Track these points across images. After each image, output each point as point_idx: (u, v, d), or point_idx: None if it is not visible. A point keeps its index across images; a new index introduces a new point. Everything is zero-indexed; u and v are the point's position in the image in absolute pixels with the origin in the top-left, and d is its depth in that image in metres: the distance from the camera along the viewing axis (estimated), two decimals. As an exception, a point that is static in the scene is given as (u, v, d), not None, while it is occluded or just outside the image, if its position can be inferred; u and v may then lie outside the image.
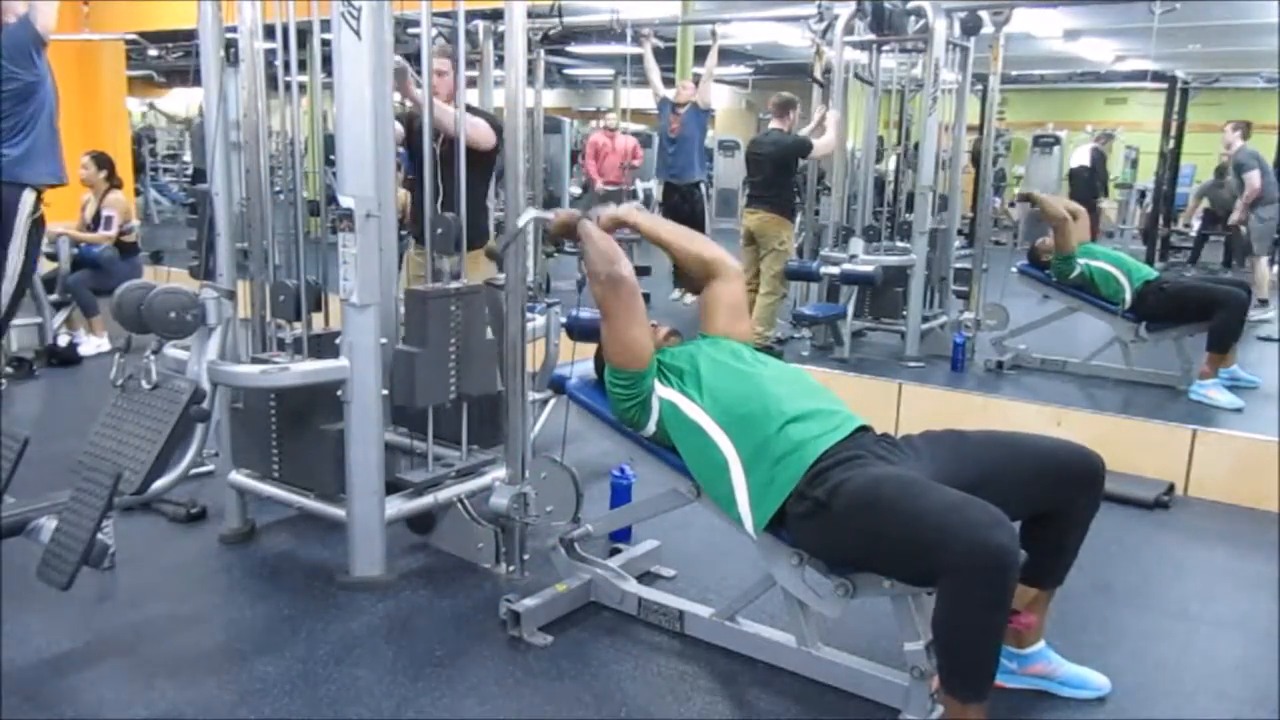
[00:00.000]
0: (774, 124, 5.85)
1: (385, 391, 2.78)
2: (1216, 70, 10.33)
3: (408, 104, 3.48)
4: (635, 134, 12.09)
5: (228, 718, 2.14)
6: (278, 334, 2.97)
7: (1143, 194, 12.08)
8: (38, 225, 3.87)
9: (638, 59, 6.60)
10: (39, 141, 3.65)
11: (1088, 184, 9.99)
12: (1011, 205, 7.62)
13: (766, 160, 5.69)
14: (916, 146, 5.72)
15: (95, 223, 5.82)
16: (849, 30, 5.48)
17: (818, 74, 5.82)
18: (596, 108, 19.38)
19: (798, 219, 6.38)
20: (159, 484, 2.57)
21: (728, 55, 11.96)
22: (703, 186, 7.15)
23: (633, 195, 10.08)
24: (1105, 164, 10.62)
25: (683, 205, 7.00)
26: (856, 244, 5.55)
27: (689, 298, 6.67)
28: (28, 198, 3.70)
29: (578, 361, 2.64)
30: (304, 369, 2.74)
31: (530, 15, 2.90)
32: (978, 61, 5.69)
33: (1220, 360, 4.80)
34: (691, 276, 2.59)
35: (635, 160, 9.07)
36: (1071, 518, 2.14)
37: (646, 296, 2.37)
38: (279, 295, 2.86)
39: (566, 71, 16.32)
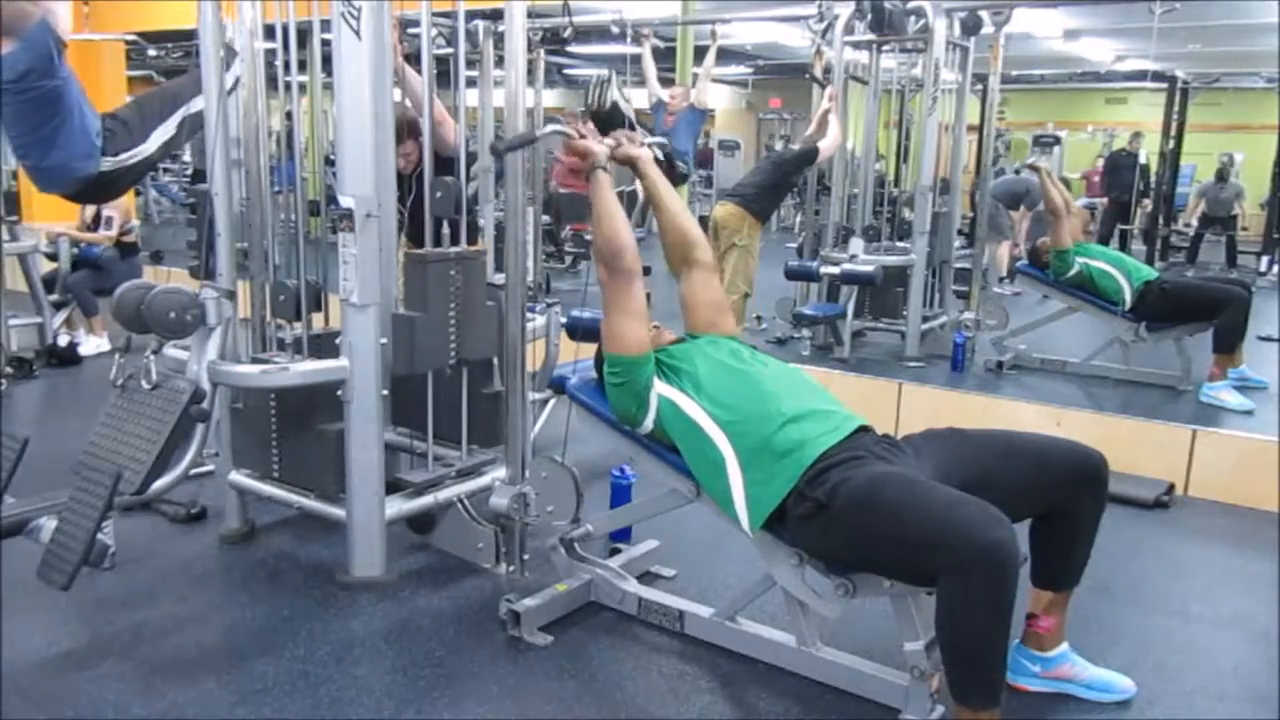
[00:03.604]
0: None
1: (385, 391, 2.78)
2: (1216, 70, 10.34)
3: (407, 103, 3.47)
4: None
5: (228, 718, 2.14)
6: (278, 334, 2.97)
7: (1148, 193, 12.08)
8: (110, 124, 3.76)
9: (638, 59, 6.60)
10: (74, 140, 3.59)
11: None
12: (1017, 172, 7.68)
13: (772, 165, 5.72)
14: (912, 201, 5.74)
15: (95, 223, 5.82)
16: (849, 30, 5.48)
17: (818, 74, 5.82)
18: (596, 108, 19.36)
19: (769, 224, 6.38)
20: (159, 484, 2.57)
21: (728, 55, 11.97)
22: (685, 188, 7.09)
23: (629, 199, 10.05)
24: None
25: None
26: (856, 244, 5.55)
27: None
28: (103, 164, 3.60)
29: (578, 361, 2.64)
30: (304, 369, 2.74)
31: (531, 15, 2.90)
32: (978, 61, 5.69)
33: (1228, 361, 4.79)
34: (669, 247, 2.58)
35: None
36: (1076, 517, 2.14)
37: (647, 296, 2.37)
38: (279, 295, 2.86)
39: (566, 71, 16.31)
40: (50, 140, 3.46)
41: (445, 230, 2.85)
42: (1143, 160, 10.25)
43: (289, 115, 3.03)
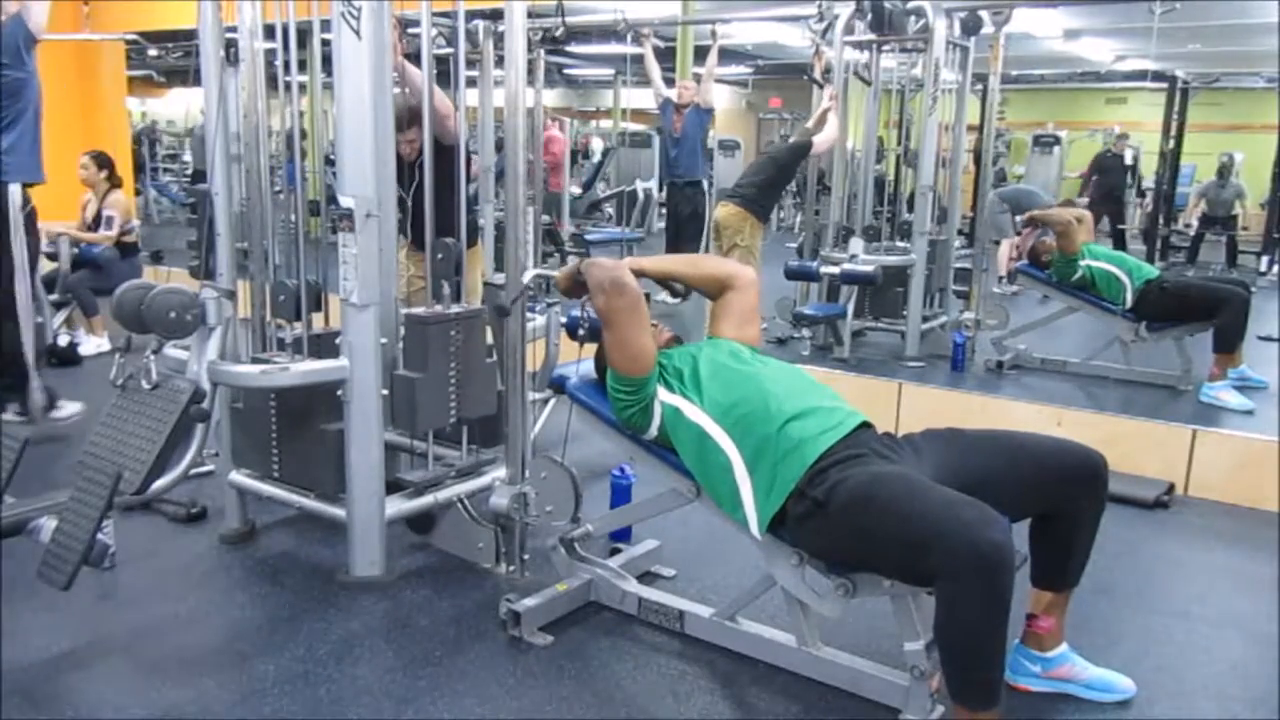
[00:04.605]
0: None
1: (385, 391, 2.78)
2: (1216, 70, 10.33)
3: (406, 91, 3.47)
4: (635, 134, 12.09)
5: (228, 718, 2.14)
6: (278, 334, 2.97)
7: (1143, 194, 12.06)
8: (31, 218, 3.86)
9: (638, 59, 6.60)
10: (23, 139, 3.65)
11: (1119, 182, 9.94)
12: (1019, 233, 7.67)
13: (770, 161, 5.73)
14: (915, 151, 5.73)
15: (96, 223, 5.82)
16: (849, 30, 5.48)
17: (818, 74, 5.82)
18: (596, 107, 19.38)
19: (770, 223, 6.38)
20: (159, 484, 2.57)
21: (728, 55, 11.95)
22: (705, 184, 7.16)
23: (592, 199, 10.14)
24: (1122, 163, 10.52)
25: (684, 205, 7.02)
26: (856, 244, 5.55)
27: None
28: (14, 193, 3.68)
29: (578, 361, 2.64)
30: (304, 369, 2.74)
31: (530, 15, 2.90)
32: (978, 61, 5.69)
33: (1228, 360, 4.79)
34: (710, 295, 2.63)
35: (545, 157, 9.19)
36: (1076, 518, 2.14)
37: (646, 296, 2.37)
38: (279, 295, 2.86)
39: (566, 71, 16.32)
40: (1, 128, 3.49)
41: (446, 290, 2.88)
42: (1129, 161, 10.17)
43: (293, 115, 3.03)
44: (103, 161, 5.88)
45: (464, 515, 2.93)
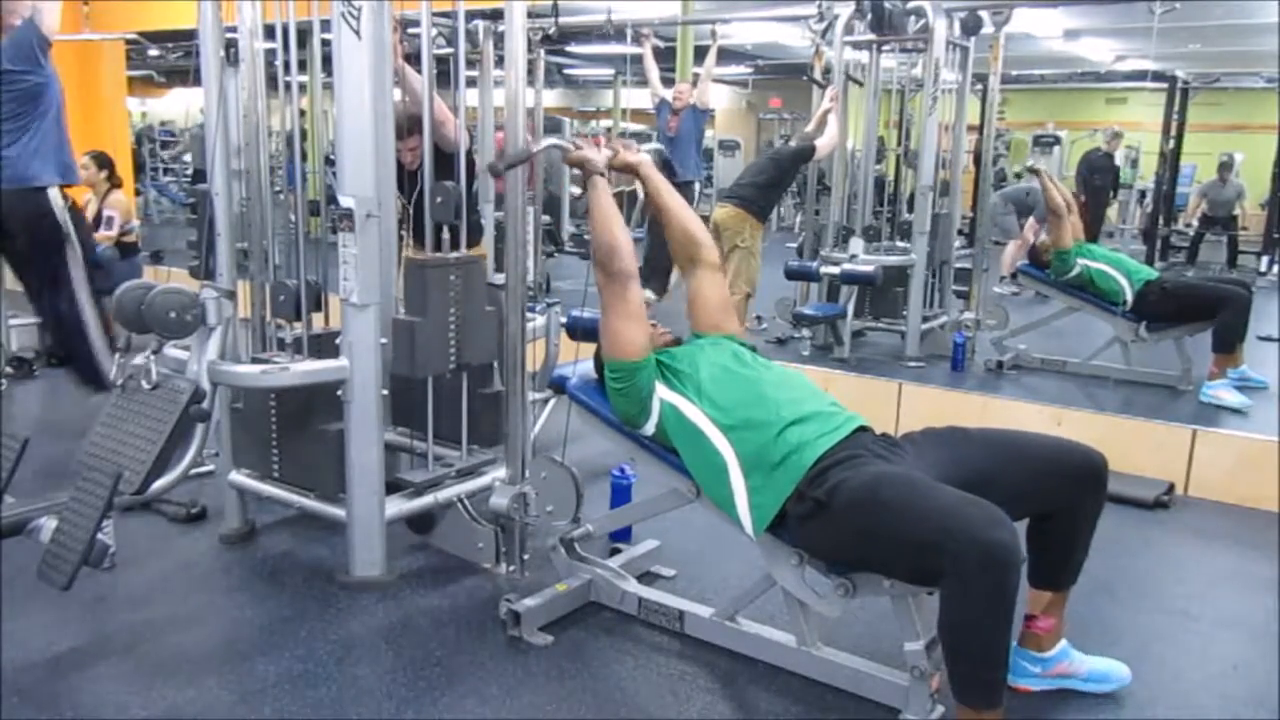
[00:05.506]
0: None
1: (385, 391, 2.78)
2: (1216, 70, 10.33)
3: (406, 99, 3.47)
4: (635, 134, 12.08)
5: (228, 718, 2.14)
6: (278, 334, 2.97)
7: (1143, 194, 12.06)
8: (77, 215, 3.86)
9: (638, 59, 6.61)
10: (47, 141, 3.65)
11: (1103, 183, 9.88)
12: (1018, 177, 7.77)
13: (771, 162, 5.74)
14: (915, 151, 5.74)
15: (96, 223, 5.81)
16: (849, 30, 5.49)
17: (817, 74, 5.82)
18: (596, 108, 19.38)
19: (769, 223, 6.39)
20: (159, 484, 2.57)
21: (728, 55, 11.96)
22: (697, 186, 7.16)
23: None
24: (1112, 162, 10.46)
25: None
26: (856, 244, 5.55)
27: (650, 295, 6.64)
28: (55, 196, 3.68)
29: (578, 361, 2.64)
30: (304, 369, 2.74)
31: (530, 15, 2.90)
32: (978, 61, 5.69)
33: (1228, 360, 4.79)
34: (676, 249, 2.61)
35: None
36: (1075, 518, 2.14)
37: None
38: (279, 295, 2.86)
39: (566, 71, 16.32)
40: (19, 133, 3.47)
41: (445, 235, 2.86)
42: (1118, 162, 10.10)
43: (292, 115, 3.03)
44: (103, 161, 5.88)
45: (464, 515, 2.93)
